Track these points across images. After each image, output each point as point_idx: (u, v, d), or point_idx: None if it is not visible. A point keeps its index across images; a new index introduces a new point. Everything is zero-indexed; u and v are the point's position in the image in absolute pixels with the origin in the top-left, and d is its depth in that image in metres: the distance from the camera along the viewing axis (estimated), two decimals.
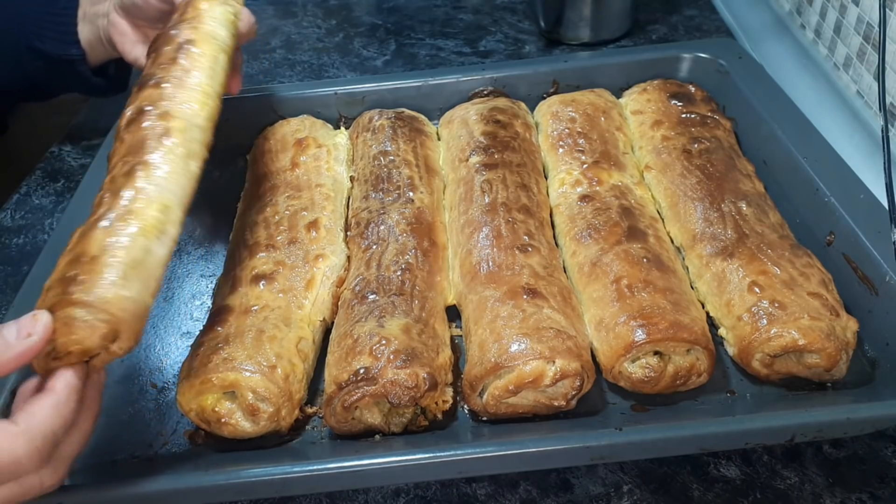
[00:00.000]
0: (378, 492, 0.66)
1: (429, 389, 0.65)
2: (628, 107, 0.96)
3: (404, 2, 1.45)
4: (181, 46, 0.72)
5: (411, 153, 0.91)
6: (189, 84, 0.70)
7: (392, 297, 0.72)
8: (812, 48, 1.10)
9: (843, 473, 0.64)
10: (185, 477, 0.62)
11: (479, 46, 1.30)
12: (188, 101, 0.69)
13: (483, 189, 0.83)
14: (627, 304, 0.68)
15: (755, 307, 0.68)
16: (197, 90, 0.70)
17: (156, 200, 0.61)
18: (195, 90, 0.70)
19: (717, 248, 0.74)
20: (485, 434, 0.67)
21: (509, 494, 0.65)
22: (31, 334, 0.53)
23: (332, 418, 0.66)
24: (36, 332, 0.54)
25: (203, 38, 0.74)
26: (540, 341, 0.65)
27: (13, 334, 0.53)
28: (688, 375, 0.67)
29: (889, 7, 0.84)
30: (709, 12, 1.33)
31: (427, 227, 0.81)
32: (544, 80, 1.02)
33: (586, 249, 0.76)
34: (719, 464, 0.66)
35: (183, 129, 0.66)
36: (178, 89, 0.69)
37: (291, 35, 1.39)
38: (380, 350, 0.66)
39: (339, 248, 0.81)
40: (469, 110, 0.96)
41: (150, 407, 0.72)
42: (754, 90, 0.92)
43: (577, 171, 0.85)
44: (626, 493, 0.64)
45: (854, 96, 0.98)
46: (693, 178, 0.82)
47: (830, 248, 0.75)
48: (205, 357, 0.67)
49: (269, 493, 0.64)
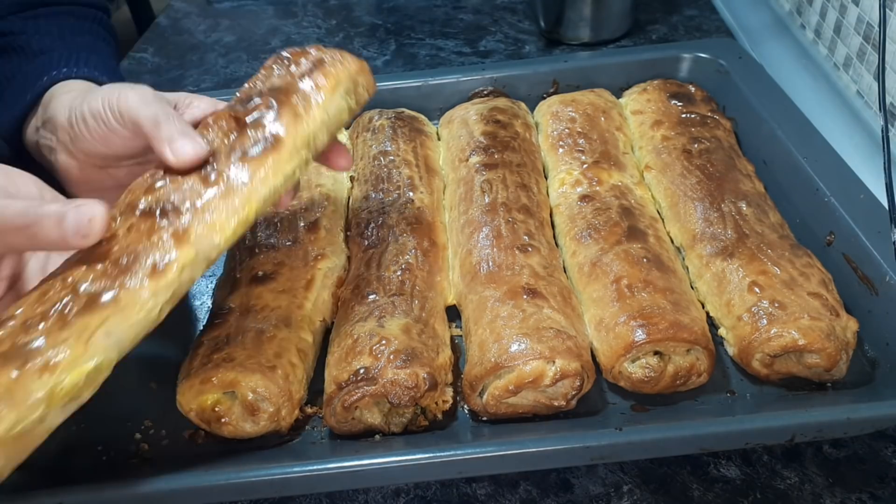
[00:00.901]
0: (378, 492, 0.66)
1: (429, 389, 0.65)
2: (628, 107, 0.96)
3: (404, 2, 1.45)
4: (260, 141, 0.59)
5: (411, 153, 0.91)
6: (235, 202, 0.57)
7: (392, 297, 0.72)
8: (812, 48, 1.10)
9: (843, 473, 0.64)
10: (185, 477, 0.62)
11: (479, 46, 1.30)
12: (221, 224, 0.57)
13: (483, 189, 0.83)
14: (627, 304, 0.68)
15: (755, 307, 0.68)
16: (241, 211, 0.57)
17: (94, 358, 0.53)
18: (238, 212, 0.57)
19: (717, 248, 0.74)
20: (485, 434, 0.67)
21: (509, 494, 0.65)
22: (86, 236, 0.55)
23: (332, 418, 0.66)
24: (90, 235, 0.55)
25: (291, 145, 0.60)
26: (540, 341, 0.65)
27: (72, 228, 0.54)
28: (688, 375, 0.67)
29: (889, 7, 0.84)
30: (709, 12, 1.33)
31: (427, 227, 0.81)
32: (544, 80, 1.02)
33: (586, 249, 0.76)
34: (719, 464, 0.66)
35: (186, 264, 0.56)
36: (223, 200, 0.57)
37: (291, 35, 1.39)
38: (380, 350, 0.66)
39: (339, 249, 0.81)
40: (469, 110, 0.96)
41: (150, 407, 0.72)
42: (754, 90, 0.92)
43: (577, 171, 0.85)
44: (626, 493, 0.64)
45: (854, 96, 0.98)
46: (693, 178, 0.82)
47: (830, 248, 0.75)
48: (205, 357, 0.67)
49: (269, 493, 0.64)
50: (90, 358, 0.53)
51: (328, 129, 0.63)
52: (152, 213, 0.57)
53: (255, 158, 0.59)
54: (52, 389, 0.51)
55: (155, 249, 0.55)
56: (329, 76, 0.63)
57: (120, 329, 0.54)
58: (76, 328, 0.52)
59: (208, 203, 0.57)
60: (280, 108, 0.61)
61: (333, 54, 0.65)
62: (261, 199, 0.59)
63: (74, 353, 0.52)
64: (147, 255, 0.55)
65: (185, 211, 0.56)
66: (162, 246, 0.55)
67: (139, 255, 0.55)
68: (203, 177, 0.58)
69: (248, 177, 0.58)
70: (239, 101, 0.64)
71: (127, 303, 0.54)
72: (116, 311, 0.53)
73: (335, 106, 0.63)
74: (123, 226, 0.57)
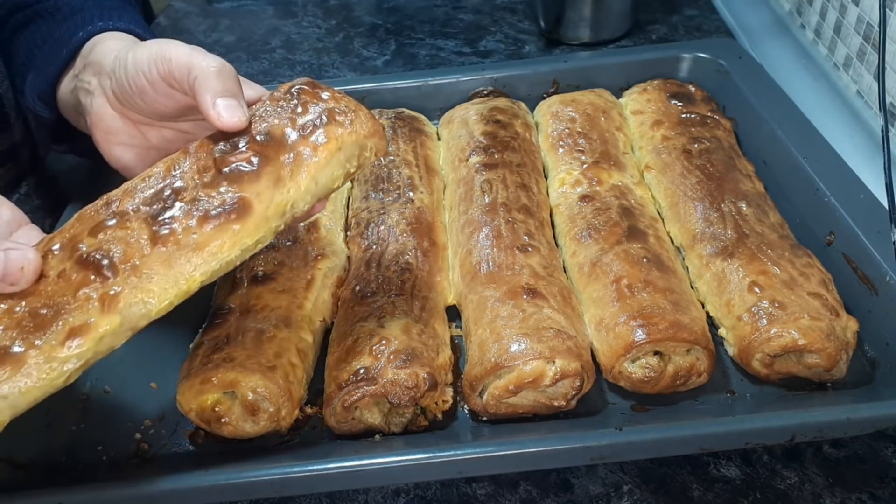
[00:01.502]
0: (378, 492, 0.66)
1: (429, 389, 0.65)
2: (628, 107, 0.96)
3: (404, 2, 1.45)
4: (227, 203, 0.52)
5: (411, 153, 0.91)
6: (177, 273, 0.51)
7: (392, 297, 0.72)
8: (812, 48, 1.10)
9: (843, 473, 0.64)
10: (185, 477, 0.62)
11: (479, 46, 1.30)
12: (156, 294, 0.51)
13: (483, 189, 0.83)
14: (627, 304, 0.68)
15: (755, 307, 0.68)
16: (182, 284, 0.52)
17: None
18: (177, 284, 0.52)
19: (717, 248, 0.74)
20: (485, 434, 0.67)
21: (509, 494, 0.65)
22: (14, 283, 0.52)
23: (332, 418, 0.66)
24: (18, 283, 0.52)
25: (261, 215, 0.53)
26: (540, 341, 0.65)
27: (0, 273, 0.52)
28: (688, 375, 0.67)
29: (889, 7, 0.84)
30: (709, 12, 1.33)
31: (427, 227, 0.81)
32: (544, 80, 1.02)
33: (586, 249, 0.76)
34: (719, 464, 0.66)
35: (107, 333, 0.50)
36: (165, 267, 0.51)
37: (291, 35, 1.39)
38: (380, 350, 0.66)
39: (339, 249, 0.81)
40: (469, 110, 0.96)
41: (150, 407, 0.72)
42: (754, 90, 0.92)
43: (577, 171, 0.85)
44: (626, 493, 0.64)
45: (854, 96, 0.98)
46: (693, 178, 0.82)
47: (830, 248, 0.75)
48: (205, 357, 0.67)
49: (269, 493, 0.64)
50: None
51: (312, 198, 0.56)
52: (90, 265, 0.52)
53: (216, 224, 0.52)
54: None
55: (78, 310, 0.51)
56: (332, 138, 0.55)
57: (16, 392, 0.49)
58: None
59: (149, 267, 0.51)
60: (262, 166, 0.53)
61: (348, 109, 0.57)
62: (208, 272, 0.53)
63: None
64: (68, 315, 0.50)
65: (122, 270, 0.51)
66: (87, 307, 0.50)
67: (60, 312, 0.50)
68: (152, 230, 0.52)
69: (201, 245, 0.52)
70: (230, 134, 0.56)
71: (32, 366, 0.49)
72: (16, 372, 0.49)
73: (328, 174, 0.56)
74: (57, 265, 0.52)
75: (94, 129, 0.69)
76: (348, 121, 0.56)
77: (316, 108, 0.56)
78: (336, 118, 0.56)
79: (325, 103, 0.57)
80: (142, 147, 0.69)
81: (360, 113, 0.57)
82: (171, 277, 0.52)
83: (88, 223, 0.54)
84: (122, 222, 0.53)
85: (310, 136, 0.55)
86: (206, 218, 0.52)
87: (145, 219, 0.53)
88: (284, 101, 0.58)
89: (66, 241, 0.54)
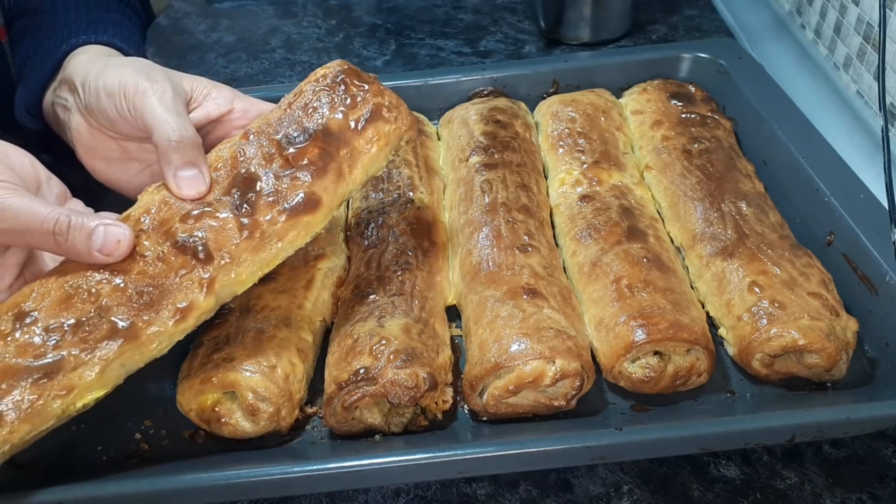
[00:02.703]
0: (378, 492, 0.66)
1: (429, 389, 0.65)
2: (628, 107, 0.96)
3: (404, 2, 1.45)
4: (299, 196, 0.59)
5: (411, 153, 0.91)
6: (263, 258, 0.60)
7: (392, 297, 0.72)
8: (812, 48, 1.10)
9: (843, 473, 0.64)
10: (185, 477, 0.62)
11: (479, 46, 1.30)
12: (245, 277, 0.60)
13: (483, 189, 0.83)
14: (627, 304, 0.68)
15: (755, 307, 0.68)
16: (266, 268, 0.61)
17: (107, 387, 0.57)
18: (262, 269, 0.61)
19: (717, 248, 0.74)
20: (485, 434, 0.67)
21: (509, 494, 0.65)
22: (110, 255, 0.58)
23: (332, 418, 0.66)
24: (114, 256, 0.58)
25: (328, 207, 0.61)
26: (540, 341, 0.65)
27: (98, 243, 0.57)
28: (688, 375, 0.67)
29: (889, 7, 0.84)
30: (709, 12, 1.33)
31: (427, 227, 0.81)
32: (544, 80, 1.02)
33: (586, 249, 0.76)
34: (719, 464, 0.66)
35: (206, 312, 0.59)
36: (253, 254, 0.59)
37: (291, 35, 1.39)
38: (380, 350, 0.66)
39: (339, 249, 0.81)
40: (469, 110, 0.96)
41: (151, 407, 0.72)
42: (754, 90, 0.92)
43: (577, 171, 0.85)
44: (626, 493, 0.64)
45: (854, 96, 0.98)
46: (693, 178, 0.82)
47: (830, 248, 0.75)
48: (205, 357, 0.67)
49: (269, 493, 0.64)
50: (103, 386, 0.57)
51: (362, 186, 0.64)
52: (187, 250, 0.58)
53: (294, 218, 0.59)
54: (64, 409, 0.55)
55: (182, 291, 0.57)
56: (382, 135, 0.62)
57: (133, 362, 0.57)
58: (97, 357, 0.55)
59: (240, 254, 0.59)
60: (328, 162, 0.60)
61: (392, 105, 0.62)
62: (286, 256, 0.61)
63: (91, 381, 0.55)
64: (174, 295, 0.57)
65: (217, 258, 0.58)
66: (190, 289, 0.57)
67: (166, 292, 0.57)
68: (240, 221, 0.59)
69: (281, 235, 0.59)
70: (286, 121, 0.62)
71: (146, 340, 0.56)
72: (136, 346, 0.56)
73: (377, 166, 0.63)
74: (154, 248, 0.59)
75: (75, 145, 0.72)
76: (393, 116, 0.62)
77: (364, 102, 0.62)
78: (383, 114, 0.62)
79: (372, 97, 0.62)
80: (123, 160, 0.72)
81: (402, 108, 0.64)
82: (257, 262, 0.59)
83: (175, 209, 0.60)
84: (210, 211, 0.60)
85: (363, 131, 0.61)
86: (285, 211, 0.59)
87: (231, 209, 0.60)
88: (330, 90, 0.63)
89: (156, 225, 0.60)
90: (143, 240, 0.59)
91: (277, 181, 0.60)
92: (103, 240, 0.58)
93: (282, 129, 0.62)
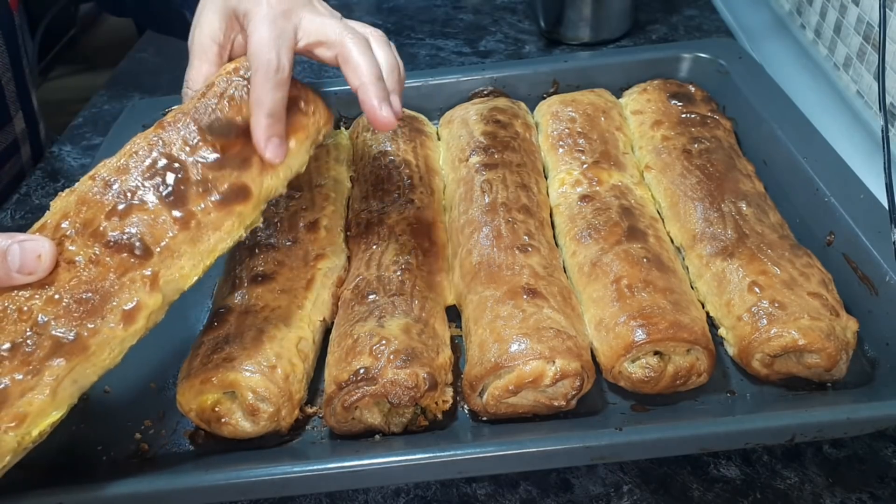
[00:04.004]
0: (378, 492, 0.66)
1: (429, 389, 0.65)
2: (628, 107, 0.96)
3: (404, 2, 1.45)
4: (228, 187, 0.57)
5: (411, 153, 0.91)
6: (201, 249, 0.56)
7: (392, 297, 0.72)
8: (812, 48, 1.10)
9: (843, 473, 0.64)
10: (185, 477, 0.62)
11: (479, 46, 1.30)
12: (187, 271, 0.56)
13: (483, 189, 0.83)
14: (627, 304, 0.68)
15: (755, 307, 0.68)
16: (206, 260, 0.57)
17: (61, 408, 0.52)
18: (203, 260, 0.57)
19: (717, 248, 0.74)
20: (485, 434, 0.67)
21: (509, 494, 0.65)
22: (32, 273, 0.53)
23: (332, 418, 0.66)
24: (36, 273, 0.53)
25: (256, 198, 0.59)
26: (540, 341, 0.65)
27: (16, 263, 0.53)
28: (688, 375, 0.67)
29: (889, 7, 0.84)
30: (709, 12, 1.33)
31: (427, 227, 0.81)
32: (544, 80, 1.02)
33: (586, 249, 0.76)
34: (719, 464, 0.66)
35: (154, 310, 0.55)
36: (191, 246, 0.56)
37: None
38: (380, 350, 0.66)
39: (339, 249, 0.81)
40: (469, 110, 0.96)
41: (150, 407, 0.72)
42: (754, 90, 0.92)
43: (577, 171, 0.85)
44: (626, 493, 0.64)
45: (854, 96, 0.98)
46: (693, 178, 0.82)
47: (830, 248, 0.75)
48: (205, 357, 0.67)
49: (269, 493, 0.64)
50: (57, 407, 0.52)
51: (286, 182, 0.62)
52: (123, 248, 0.54)
53: (225, 205, 0.57)
54: (20, 441, 0.51)
55: (125, 291, 0.53)
56: (300, 128, 0.60)
57: (85, 376, 0.53)
58: (44, 377, 0.51)
59: (178, 247, 0.55)
60: (249, 154, 0.58)
61: (308, 98, 0.61)
62: (225, 248, 0.58)
63: (43, 403, 0.51)
64: (117, 297, 0.53)
65: (156, 252, 0.54)
66: (133, 289, 0.53)
67: (107, 296, 0.53)
68: (173, 214, 0.55)
69: (217, 225, 0.57)
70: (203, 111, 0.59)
71: (96, 350, 0.52)
72: (86, 358, 0.52)
73: (299, 161, 0.62)
74: (84, 252, 0.54)
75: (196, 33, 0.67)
76: (311, 109, 0.61)
77: None
78: (300, 106, 0.60)
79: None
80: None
81: (320, 103, 0.63)
82: (197, 254, 0.56)
83: (97, 207, 0.56)
84: (137, 204, 0.56)
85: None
86: (217, 201, 0.57)
87: (159, 200, 0.56)
88: (245, 82, 0.60)
89: (80, 228, 0.55)
90: (67, 246, 0.54)
91: (205, 171, 0.57)
92: (21, 258, 0.53)
93: (200, 118, 0.59)
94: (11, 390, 0.50)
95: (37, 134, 1.18)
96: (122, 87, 1.31)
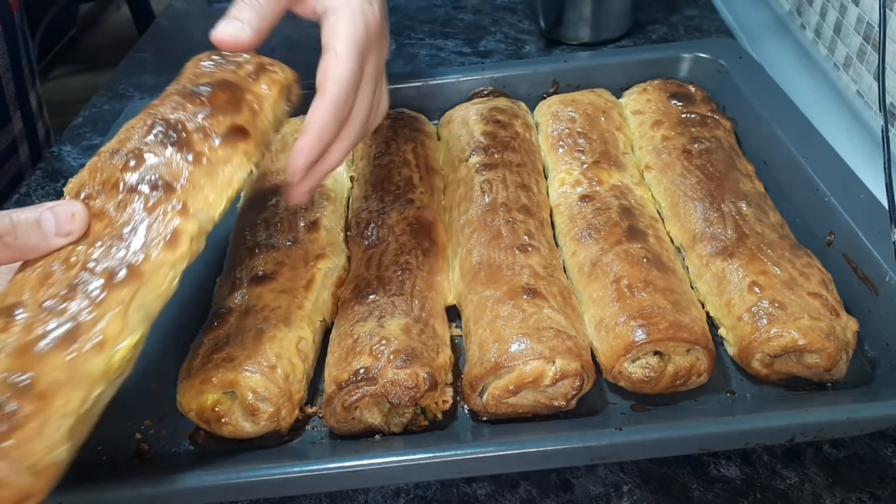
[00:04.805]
0: (378, 492, 0.66)
1: (429, 389, 0.65)
2: (628, 107, 0.96)
3: (404, 2, 1.45)
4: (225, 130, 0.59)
5: (411, 153, 0.91)
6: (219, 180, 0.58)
7: (392, 297, 0.72)
8: (812, 48, 1.10)
9: (843, 473, 0.64)
10: (185, 477, 0.62)
11: (479, 46, 1.30)
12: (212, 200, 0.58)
13: (483, 189, 0.83)
14: (627, 304, 0.68)
15: (755, 307, 0.68)
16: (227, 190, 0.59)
17: (135, 332, 0.53)
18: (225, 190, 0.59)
19: (717, 248, 0.74)
20: (485, 434, 0.67)
21: (509, 494, 0.65)
22: (69, 233, 0.54)
23: (332, 418, 0.66)
24: (74, 232, 0.54)
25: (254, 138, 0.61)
26: (540, 341, 0.65)
27: (52, 227, 0.53)
28: (688, 375, 0.67)
29: (889, 7, 0.84)
30: (709, 12, 1.33)
31: (427, 227, 0.81)
32: (544, 80, 1.02)
33: (586, 249, 0.76)
34: (719, 464, 0.66)
35: (193, 236, 0.56)
36: (209, 178, 0.58)
37: (291, 35, 1.38)
38: (380, 350, 0.66)
39: (339, 249, 0.81)
40: (469, 110, 0.96)
41: (150, 407, 0.72)
42: (754, 90, 0.92)
43: (577, 171, 0.85)
44: (626, 493, 0.64)
45: (854, 96, 0.98)
46: (693, 178, 0.82)
47: (830, 248, 0.75)
48: (205, 357, 0.68)
49: (269, 493, 0.64)
50: (131, 332, 0.53)
51: (274, 130, 0.64)
52: (147, 187, 0.56)
53: (228, 143, 0.59)
54: (107, 365, 0.52)
55: (159, 224, 0.55)
56: (274, 81, 0.64)
57: (148, 301, 0.54)
58: (111, 304, 0.52)
59: (197, 180, 0.57)
60: (238, 101, 0.61)
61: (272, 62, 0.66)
62: (241, 181, 0.60)
63: (117, 328, 0.52)
64: (153, 228, 0.54)
65: (178, 187, 0.56)
66: (166, 219, 0.55)
67: (145, 229, 0.54)
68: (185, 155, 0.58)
69: (226, 159, 0.59)
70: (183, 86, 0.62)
71: (151, 274, 0.54)
72: (143, 283, 0.53)
73: (281, 109, 0.65)
74: (111, 202, 0.55)
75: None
76: (278, 69, 0.66)
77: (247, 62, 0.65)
78: (268, 68, 0.65)
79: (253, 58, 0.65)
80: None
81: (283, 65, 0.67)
82: (216, 186, 0.58)
83: (111, 168, 0.57)
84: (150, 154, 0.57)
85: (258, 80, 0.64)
86: (220, 143, 0.59)
87: (168, 146, 0.58)
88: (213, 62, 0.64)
89: (100, 187, 0.56)
90: (93, 204, 0.56)
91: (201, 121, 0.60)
92: (56, 221, 0.54)
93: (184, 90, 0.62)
94: (83, 323, 0.51)
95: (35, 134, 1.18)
96: (122, 87, 1.32)
